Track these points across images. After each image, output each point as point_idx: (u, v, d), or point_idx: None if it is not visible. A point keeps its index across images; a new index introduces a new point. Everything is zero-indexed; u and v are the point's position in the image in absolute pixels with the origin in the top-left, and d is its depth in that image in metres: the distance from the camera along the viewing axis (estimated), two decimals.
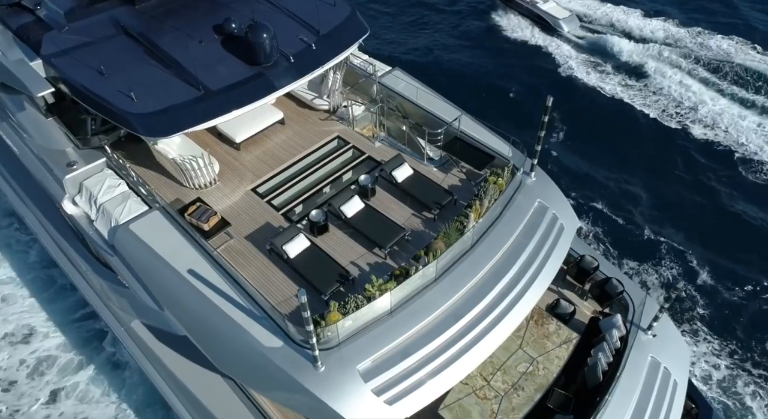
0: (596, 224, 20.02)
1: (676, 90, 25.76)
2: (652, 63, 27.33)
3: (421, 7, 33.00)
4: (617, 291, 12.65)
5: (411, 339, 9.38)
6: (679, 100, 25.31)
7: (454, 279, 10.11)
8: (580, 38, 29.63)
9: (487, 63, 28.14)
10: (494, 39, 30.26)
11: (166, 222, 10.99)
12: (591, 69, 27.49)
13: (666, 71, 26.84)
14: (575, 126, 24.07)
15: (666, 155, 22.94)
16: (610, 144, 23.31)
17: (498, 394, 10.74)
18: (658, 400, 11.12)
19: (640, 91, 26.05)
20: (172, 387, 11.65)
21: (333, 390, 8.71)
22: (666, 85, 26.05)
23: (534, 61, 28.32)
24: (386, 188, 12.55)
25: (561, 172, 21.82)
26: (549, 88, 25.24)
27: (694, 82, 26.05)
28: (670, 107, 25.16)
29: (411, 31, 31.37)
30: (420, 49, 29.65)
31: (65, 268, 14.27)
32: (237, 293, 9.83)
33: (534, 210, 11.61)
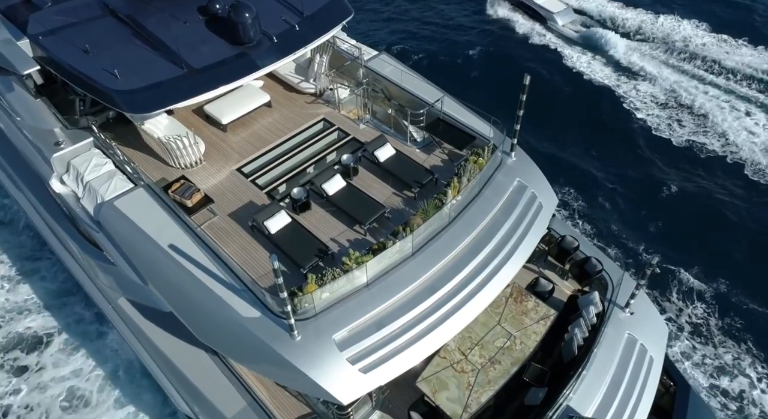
0: (579, 204, 20.47)
1: (668, 85, 25.82)
2: (645, 57, 27.39)
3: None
4: (596, 270, 12.85)
5: (386, 311, 9.61)
6: (667, 95, 25.41)
7: (431, 254, 10.32)
8: (575, 31, 29.62)
9: (478, 53, 28.24)
10: (486, 30, 30.29)
11: (151, 199, 11.21)
12: (583, 62, 27.54)
13: (657, 66, 26.92)
14: (563, 115, 24.30)
15: (648, 144, 23.21)
16: (595, 132, 23.61)
17: (475, 368, 10.96)
18: (634, 375, 11.33)
19: (629, 85, 26.12)
20: (158, 362, 11.89)
21: (308, 358, 8.94)
22: (658, 80, 26.10)
23: (526, 52, 28.37)
24: (369, 167, 12.75)
25: (546, 156, 22.02)
26: (542, 80, 25.76)
27: (685, 78, 26.13)
28: (660, 99, 25.31)
29: (403, 21, 31.47)
30: (412, 38, 29.78)
31: (54, 246, 14.52)
32: (218, 267, 10.05)
33: (513, 189, 11.79)
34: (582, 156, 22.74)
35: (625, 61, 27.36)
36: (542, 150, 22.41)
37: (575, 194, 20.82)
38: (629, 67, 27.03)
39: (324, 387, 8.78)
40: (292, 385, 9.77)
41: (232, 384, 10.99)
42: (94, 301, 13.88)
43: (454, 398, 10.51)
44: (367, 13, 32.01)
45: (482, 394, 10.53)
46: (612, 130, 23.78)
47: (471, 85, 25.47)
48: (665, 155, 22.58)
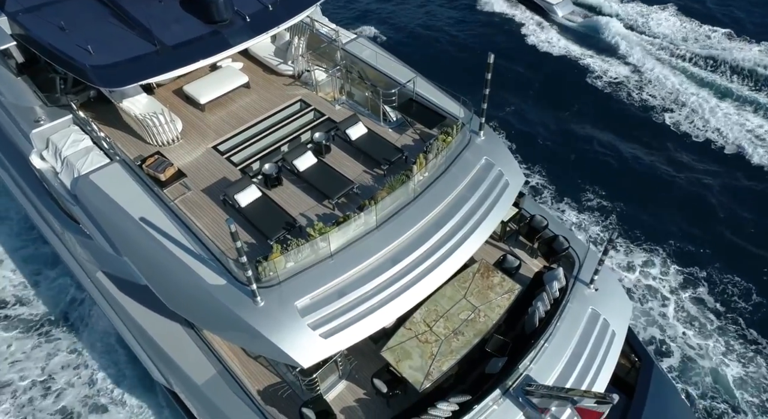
0: (555, 185, 21.10)
1: (664, 80, 26.04)
2: (641, 50, 27.59)
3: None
4: (563, 248, 13.16)
5: (349, 280, 9.94)
6: (662, 90, 25.63)
7: (395, 227, 10.63)
8: (573, 23, 29.82)
9: (471, 42, 28.51)
10: (485, 22, 30.50)
11: (125, 174, 11.52)
12: (580, 53, 27.83)
13: (654, 60, 27.16)
14: (553, 101, 24.76)
15: (639, 131, 23.62)
16: (587, 119, 24.03)
17: (439, 339, 11.30)
18: (594, 348, 11.65)
19: (627, 78, 26.37)
20: (134, 333, 12.26)
21: (271, 323, 9.28)
22: (654, 75, 26.31)
23: (521, 43, 28.67)
24: (341, 146, 13.04)
25: (527, 138, 22.99)
26: (543, 72, 26.35)
27: (681, 74, 26.33)
28: (655, 94, 25.60)
29: (397, 10, 31.69)
30: (405, 27, 30.04)
31: (36, 222, 14.88)
32: (188, 238, 10.38)
33: (480, 166, 12.08)
34: (561, 136, 23.41)
35: (625, 52, 27.60)
36: (535, 135, 23.16)
37: (569, 177, 21.44)
38: (628, 58, 27.29)
39: (285, 350, 9.13)
40: (255, 349, 10.12)
41: (203, 353, 11.32)
42: (75, 275, 14.23)
43: (416, 367, 10.86)
44: (360, 3, 32.27)
45: (444, 363, 10.89)
46: (618, 121, 24.27)
47: (471, 77, 25.71)
48: (672, 152, 22.95)
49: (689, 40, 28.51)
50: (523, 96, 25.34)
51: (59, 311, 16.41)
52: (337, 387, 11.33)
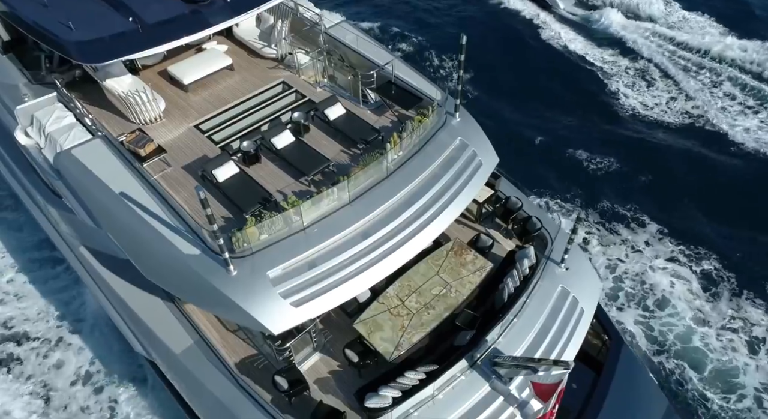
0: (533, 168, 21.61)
1: (661, 69, 26.54)
2: (642, 43, 27.97)
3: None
4: (536, 228, 13.49)
5: (320, 252, 10.26)
6: (662, 80, 26.11)
7: (368, 202, 10.95)
8: (574, 15, 30.17)
9: (470, 32, 28.54)
10: (487, 15, 30.63)
11: (107, 149, 11.82)
12: (580, 45, 28.21)
13: (652, 51, 27.57)
14: (552, 92, 25.28)
15: (633, 123, 24.14)
16: (589, 111, 24.61)
17: (410, 312, 11.64)
18: (562, 325, 12.00)
19: (626, 70, 26.79)
20: (115, 305, 12.56)
21: (243, 291, 9.61)
22: (652, 64, 26.75)
23: (521, 34, 28.90)
24: (320, 126, 13.33)
25: (517, 125, 23.56)
26: (544, 64, 26.79)
27: (680, 68, 26.70)
28: (653, 79, 26.16)
29: (401, 7, 31.85)
30: (402, 17, 30.29)
31: (22, 198, 15.17)
32: (165, 210, 10.69)
33: (454, 146, 12.39)
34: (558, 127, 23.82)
35: (626, 41, 28.03)
36: (525, 123, 23.65)
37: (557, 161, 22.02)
38: (629, 49, 27.71)
39: (256, 317, 9.46)
40: (228, 317, 10.44)
41: (181, 325, 11.64)
42: (59, 250, 14.54)
43: (387, 338, 11.20)
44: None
45: (414, 335, 11.24)
46: (610, 109, 24.81)
47: (472, 70, 26.25)
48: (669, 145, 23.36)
49: (687, 30, 28.89)
50: (522, 86, 25.70)
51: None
52: (311, 358, 11.66)
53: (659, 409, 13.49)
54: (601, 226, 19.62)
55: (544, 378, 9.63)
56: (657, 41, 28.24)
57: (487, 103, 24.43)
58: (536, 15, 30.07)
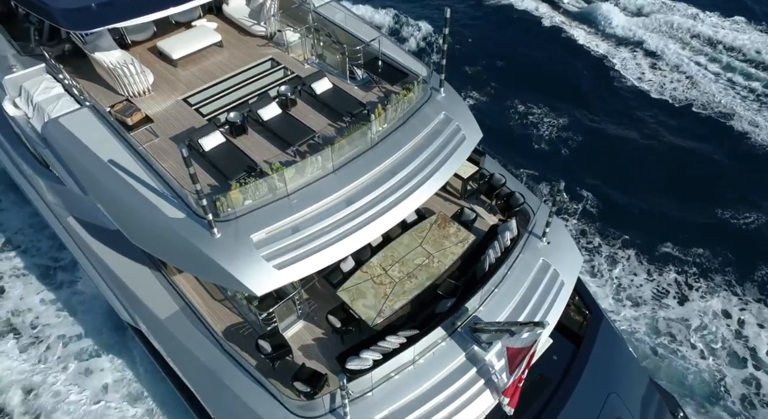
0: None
1: (670, 67, 26.96)
2: (646, 35, 28.42)
3: None
4: (519, 203, 13.73)
5: (304, 218, 10.44)
6: (664, 75, 26.52)
7: (352, 171, 11.14)
8: (578, 8, 30.49)
9: (471, 24, 29.13)
10: (488, 7, 30.85)
11: (94, 118, 11.96)
12: (581, 36, 28.58)
13: (658, 41, 28.08)
14: (554, 84, 25.66)
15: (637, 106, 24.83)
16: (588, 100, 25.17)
17: (393, 281, 11.85)
18: (542, 296, 12.25)
19: (627, 57, 27.25)
20: (101, 273, 12.71)
21: (226, 253, 9.78)
22: (656, 54, 27.28)
23: (523, 27, 29.23)
24: (306, 100, 13.48)
25: (519, 113, 24.14)
26: (545, 56, 27.18)
27: (690, 62, 27.07)
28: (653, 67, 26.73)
29: None
30: (400, 7, 30.52)
31: (11, 172, 15.26)
32: (151, 176, 10.85)
33: (439, 120, 12.58)
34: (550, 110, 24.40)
35: (628, 34, 28.47)
36: (526, 112, 24.23)
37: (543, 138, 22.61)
38: (630, 41, 28.14)
39: (239, 278, 9.64)
40: (212, 279, 10.59)
41: (167, 292, 11.83)
42: (47, 221, 14.66)
43: (370, 305, 11.41)
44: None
45: (396, 302, 11.45)
46: (607, 96, 25.39)
47: (473, 63, 26.63)
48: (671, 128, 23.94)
49: (690, 20, 29.33)
50: (521, 73, 26.11)
51: None
52: (295, 326, 11.86)
53: (640, 383, 13.80)
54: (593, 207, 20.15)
55: (520, 340, 9.86)
56: (659, 30, 28.68)
57: (484, 89, 24.96)
58: (538, 6, 30.39)
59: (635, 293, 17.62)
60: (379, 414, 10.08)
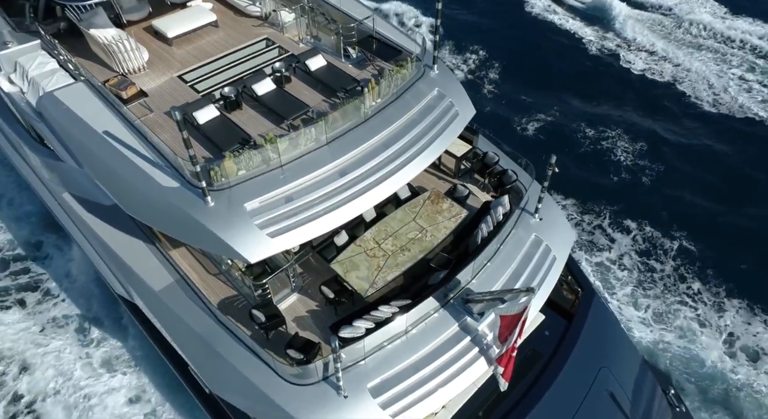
0: None
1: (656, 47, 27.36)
2: (648, 26, 28.69)
3: None
4: (511, 180, 13.85)
5: (297, 188, 10.53)
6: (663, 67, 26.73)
7: (345, 143, 11.23)
8: (582, 3, 30.70)
9: (483, 25, 29.22)
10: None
11: (89, 92, 12.05)
12: (588, 33, 28.79)
13: (660, 36, 28.31)
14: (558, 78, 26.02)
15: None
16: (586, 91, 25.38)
17: (386, 254, 11.96)
18: (534, 270, 12.34)
19: (632, 53, 27.46)
20: (96, 248, 12.78)
21: (220, 221, 9.87)
22: (655, 47, 27.51)
23: (531, 22, 29.42)
24: (301, 77, 13.57)
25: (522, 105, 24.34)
26: (548, 48, 27.41)
27: (694, 56, 27.24)
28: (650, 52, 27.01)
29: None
30: None
31: (6, 149, 15.31)
32: (145, 147, 10.94)
33: (432, 96, 12.68)
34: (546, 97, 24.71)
35: (630, 30, 28.62)
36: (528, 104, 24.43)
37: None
38: (633, 36, 28.34)
39: (233, 246, 9.72)
40: (206, 247, 10.64)
41: (161, 264, 11.92)
42: (43, 200, 14.72)
43: (363, 277, 11.51)
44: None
45: (389, 274, 11.56)
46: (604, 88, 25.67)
47: (475, 55, 26.86)
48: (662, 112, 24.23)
49: (694, 16, 29.47)
50: (530, 70, 26.33)
51: None
52: (289, 298, 11.95)
53: (632, 360, 13.92)
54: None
55: (511, 308, 9.97)
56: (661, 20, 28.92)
57: (486, 79, 25.22)
58: (542, 4, 30.53)
59: (625, 272, 17.85)
60: (371, 382, 10.18)
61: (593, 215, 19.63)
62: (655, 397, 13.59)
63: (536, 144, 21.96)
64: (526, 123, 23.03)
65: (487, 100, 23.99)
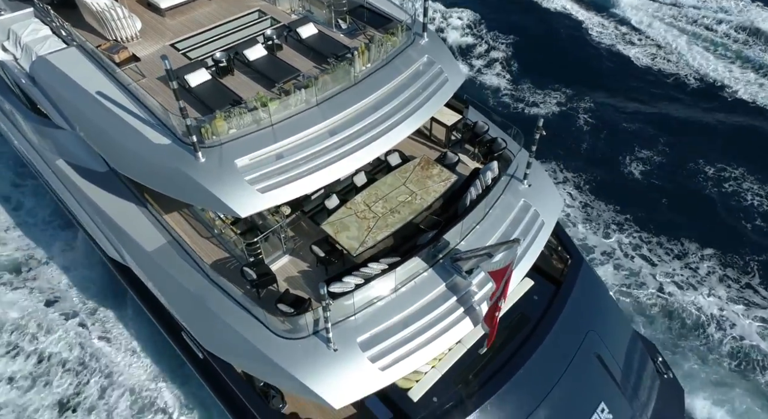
0: None
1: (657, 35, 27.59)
2: (655, 20, 28.80)
3: None
4: (501, 148, 14.03)
5: (287, 146, 10.69)
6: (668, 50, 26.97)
7: (335, 105, 11.41)
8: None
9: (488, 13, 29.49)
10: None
11: (82, 56, 12.18)
12: (592, 18, 29.09)
13: (662, 24, 28.48)
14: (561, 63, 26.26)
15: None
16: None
17: (376, 215, 12.13)
18: (522, 233, 12.49)
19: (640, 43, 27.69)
20: (89, 212, 12.92)
21: (211, 177, 10.02)
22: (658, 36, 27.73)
23: (539, 13, 29.70)
24: (292, 45, 13.74)
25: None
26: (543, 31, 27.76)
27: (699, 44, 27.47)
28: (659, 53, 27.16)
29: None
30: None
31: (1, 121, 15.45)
32: (136, 106, 11.10)
33: (422, 63, 12.86)
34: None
35: (635, 19, 28.85)
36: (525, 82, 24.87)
37: None
38: (639, 26, 28.57)
39: (223, 200, 9.87)
40: (197, 202, 10.78)
41: (154, 226, 12.06)
42: (37, 169, 14.85)
43: (353, 237, 11.67)
44: None
45: (379, 234, 11.72)
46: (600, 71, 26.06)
47: (480, 43, 27.15)
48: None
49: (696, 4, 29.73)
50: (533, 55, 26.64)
51: None
52: (281, 260, 12.08)
53: (621, 326, 14.12)
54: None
55: (499, 262, 10.13)
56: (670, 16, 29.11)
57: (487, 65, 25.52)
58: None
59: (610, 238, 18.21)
60: (361, 336, 10.35)
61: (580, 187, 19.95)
62: (643, 364, 13.80)
63: (530, 120, 22.24)
64: (521, 101, 23.32)
65: (485, 78, 24.25)
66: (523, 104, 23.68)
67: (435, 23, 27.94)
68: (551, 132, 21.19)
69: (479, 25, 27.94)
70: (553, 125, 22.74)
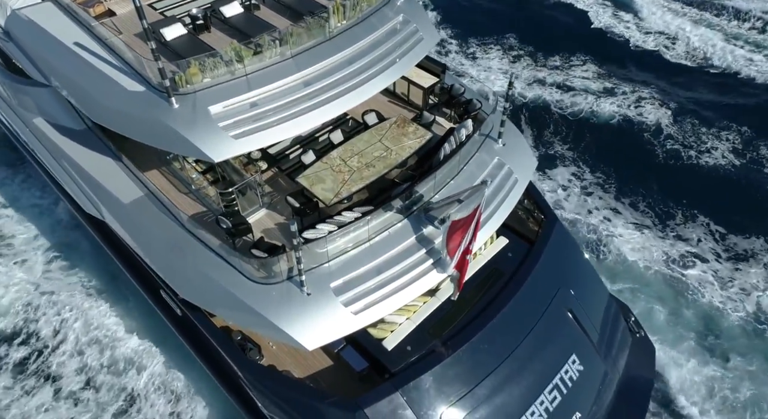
0: None
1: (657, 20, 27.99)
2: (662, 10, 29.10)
3: None
4: (476, 108, 14.25)
5: (262, 96, 10.85)
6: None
7: (310, 57, 11.56)
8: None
9: None
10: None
11: (57, 9, 12.22)
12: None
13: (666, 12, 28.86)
14: None
15: None
16: None
17: (351, 169, 12.32)
18: (496, 190, 12.74)
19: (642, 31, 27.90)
20: (67, 170, 12.98)
21: (185, 123, 10.16)
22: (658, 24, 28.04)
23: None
24: (270, 5, 13.86)
25: None
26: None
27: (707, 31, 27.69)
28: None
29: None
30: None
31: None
32: (110, 56, 11.17)
33: (397, 21, 13.03)
34: None
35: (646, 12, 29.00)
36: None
37: None
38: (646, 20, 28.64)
39: (197, 145, 10.01)
40: (170, 147, 10.87)
41: (131, 180, 12.17)
42: (15, 130, 14.86)
43: (328, 188, 11.86)
44: None
45: (353, 186, 11.91)
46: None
47: (491, 30, 27.37)
48: None
49: None
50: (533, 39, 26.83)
51: None
52: (257, 213, 12.25)
53: (593, 284, 14.39)
54: None
55: (467, 206, 10.34)
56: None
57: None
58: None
59: None
60: (335, 282, 10.55)
61: None
62: (616, 322, 14.12)
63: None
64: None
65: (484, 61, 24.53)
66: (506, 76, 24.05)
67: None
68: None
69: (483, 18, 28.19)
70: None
